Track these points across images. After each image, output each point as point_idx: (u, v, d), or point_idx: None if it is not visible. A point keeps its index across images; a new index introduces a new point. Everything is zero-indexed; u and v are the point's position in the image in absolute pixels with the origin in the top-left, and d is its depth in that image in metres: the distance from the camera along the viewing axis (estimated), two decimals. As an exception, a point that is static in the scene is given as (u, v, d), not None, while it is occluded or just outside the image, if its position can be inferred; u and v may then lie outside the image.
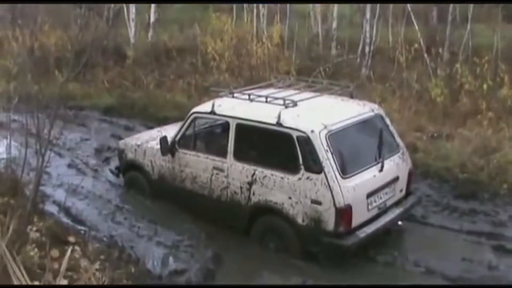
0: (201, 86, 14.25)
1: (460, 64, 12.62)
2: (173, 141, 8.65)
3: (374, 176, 7.66)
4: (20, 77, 14.85)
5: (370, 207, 7.57)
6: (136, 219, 8.55)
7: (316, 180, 7.22)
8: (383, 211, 7.83)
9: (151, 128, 12.63)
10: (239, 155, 7.96)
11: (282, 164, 7.59)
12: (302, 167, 7.33)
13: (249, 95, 8.23)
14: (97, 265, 6.57)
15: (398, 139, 8.44)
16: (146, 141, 9.30)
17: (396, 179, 8.05)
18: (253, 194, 7.79)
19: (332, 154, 7.24)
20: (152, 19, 17.19)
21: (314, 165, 7.23)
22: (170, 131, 9.21)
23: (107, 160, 11.20)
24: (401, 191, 8.22)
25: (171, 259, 7.42)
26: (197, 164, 8.41)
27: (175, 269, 7.18)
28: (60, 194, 9.21)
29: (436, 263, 7.57)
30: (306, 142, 7.28)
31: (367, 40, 15.02)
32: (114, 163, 10.38)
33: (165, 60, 15.62)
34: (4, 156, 9.13)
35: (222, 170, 8.09)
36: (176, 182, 8.71)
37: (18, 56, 15.08)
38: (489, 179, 9.55)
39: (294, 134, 7.38)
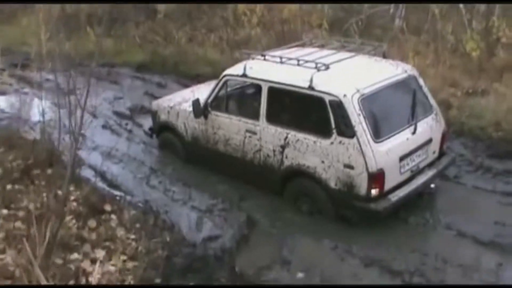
0: (233, 40, 14.16)
1: (497, 17, 12.25)
2: (206, 104, 8.64)
3: (407, 139, 7.60)
4: (52, 35, 15.03)
5: (402, 170, 7.54)
6: (171, 182, 8.69)
7: (348, 145, 7.20)
8: (416, 173, 7.80)
9: (183, 85, 12.77)
10: (272, 118, 7.95)
11: (315, 128, 7.57)
12: (334, 131, 7.31)
13: (280, 57, 8.07)
14: (132, 235, 6.72)
15: (432, 100, 8.31)
16: (179, 103, 9.29)
17: (429, 141, 8.00)
18: (286, 157, 7.82)
19: (364, 118, 7.18)
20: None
21: (347, 130, 7.20)
22: (203, 91, 9.24)
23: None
24: (434, 152, 8.17)
25: (205, 224, 7.55)
26: (230, 127, 8.42)
27: (209, 235, 7.30)
28: (95, 158, 9.36)
29: (468, 226, 7.55)
30: (338, 106, 7.23)
31: (401, -11, 14.62)
32: (148, 123, 10.41)
33: (196, 14, 15.48)
34: (39, 118, 9.25)
35: (254, 133, 8.11)
36: (209, 144, 8.76)
37: (49, 13, 15.10)
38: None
39: (327, 98, 7.32)
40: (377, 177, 7.18)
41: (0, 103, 11.68)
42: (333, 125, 7.32)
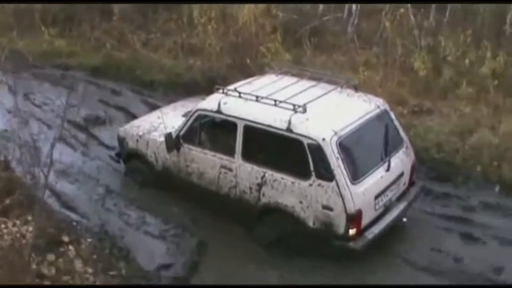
0: (188, 45, 14.27)
1: (443, 36, 12.69)
2: (178, 136, 8.61)
3: (381, 177, 7.85)
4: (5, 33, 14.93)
5: (377, 206, 7.80)
6: (125, 205, 8.89)
7: (327, 188, 7.38)
8: (388, 207, 8.07)
9: (137, 93, 12.93)
10: (248, 156, 8.03)
11: (293, 168, 7.69)
12: (313, 173, 7.46)
13: (256, 96, 8.04)
14: (90, 268, 6.98)
15: (402, 133, 8.55)
16: (148, 131, 9.23)
17: (401, 175, 8.25)
18: (263, 195, 7.95)
19: (342, 161, 7.36)
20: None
21: (325, 173, 7.37)
22: (171, 117, 9.25)
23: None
24: (404, 184, 8.43)
25: (158, 251, 7.85)
26: (204, 161, 8.46)
27: (162, 263, 7.62)
28: (50, 176, 9.36)
29: (407, 252, 8.09)
30: (317, 149, 7.38)
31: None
32: (104, 136, 10.52)
33: (152, 16, 15.48)
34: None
35: (230, 170, 8.18)
36: (182, 175, 8.76)
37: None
38: (463, 162, 9.92)
39: (305, 141, 7.47)
40: (355, 218, 7.42)
41: None
42: (311, 168, 7.46)
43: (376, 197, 7.73)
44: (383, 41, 13.55)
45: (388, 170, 7.90)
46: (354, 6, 14.73)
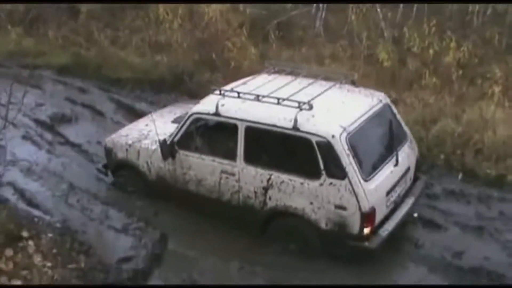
0: (155, 43, 14.31)
1: (408, 27, 12.81)
2: (172, 142, 8.20)
3: (391, 172, 7.60)
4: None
5: (388, 203, 7.54)
6: (89, 200, 8.87)
7: (339, 186, 7.08)
8: (398, 203, 7.84)
9: (105, 90, 12.92)
10: (251, 159, 7.66)
11: (301, 169, 7.36)
12: (323, 172, 7.15)
13: (257, 95, 7.64)
14: (49, 262, 6.98)
15: (405, 127, 8.38)
16: (138, 140, 8.79)
17: (408, 169, 8.07)
18: (270, 199, 7.60)
19: (353, 157, 7.06)
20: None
21: (337, 171, 7.07)
22: (159, 124, 8.72)
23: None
24: (410, 179, 8.24)
25: (120, 245, 7.86)
26: (202, 167, 8.07)
27: (123, 256, 7.60)
28: (14, 174, 9.43)
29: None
30: (327, 147, 7.07)
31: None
32: (70, 134, 10.42)
33: (119, 14, 15.51)
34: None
35: (232, 174, 7.82)
36: (179, 184, 8.37)
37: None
38: (427, 150, 9.96)
39: (313, 139, 7.14)
40: (369, 216, 7.13)
41: None
42: (321, 167, 7.15)
43: (388, 193, 7.49)
44: (350, 34, 13.66)
45: (396, 164, 7.67)
46: (322, 0, 14.86)
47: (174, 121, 8.99)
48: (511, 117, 10.62)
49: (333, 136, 7.07)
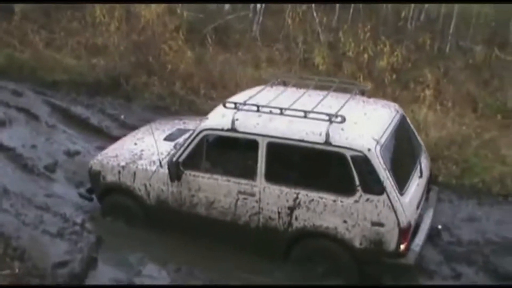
0: (91, 45, 14.18)
1: (343, 32, 13.07)
2: (176, 163, 7.57)
3: (418, 184, 7.41)
4: None
5: (416, 216, 7.31)
6: (23, 205, 8.69)
7: (377, 202, 6.74)
8: (421, 216, 7.63)
9: (40, 93, 12.71)
10: (273, 177, 7.18)
11: (333, 185, 6.98)
12: (359, 188, 6.80)
13: (281, 109, 7.15)
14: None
15: (418, 137, 8.26)
16: (132, 161, 8.10)
17: (428, 180, 7.96)
18: (296, 219, 7.15)
19: (389, 171, 6.75)
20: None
21: (375, 186, 6.74)
22: (148, 141, 8.36)
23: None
24: (427, 190, 8.07)
25: (55, 250, 7.76)
26: (215, 188, 7.48)
27: (59, 261, 7.50)
28: None
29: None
30: (363, 161, 6.72)
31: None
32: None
33: (55, 15, 15.27)
34: None
35: (252, 195, 7.30)
36: (185, 208, 7.76)
37: None
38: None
39: (348, 154, 6.77)
40: (407, 231, 6.87)
41: None
42: (357, 182, 6.79)
43: (418, 206, 7.32)
44: (286, 38, 13.84)
45: (421, 176, 7.53)
46: (259, 5, 14.98)
47: (167, 139, 8.52)
48: (442, 119, 10.97)
49: (369, 150, 6.73)
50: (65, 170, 10.01)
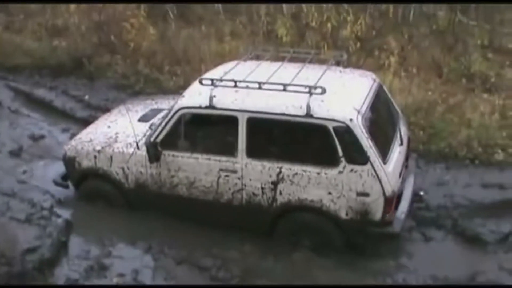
0: (52, 26, 13.94)
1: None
2: (154, 143, 7.45)
3: (399, 152, 7.40)
4: None
5: (399, 184, 7.24)
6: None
7: (361, 172, 6.74)
8: (403, 183, 7.55)
9: (0, 77, 12.48)
10: (255, 153, 7.13)
11: (316, 158, 6.96)
12: (342, 159, 6.78)
13: (259, 83, 6.99)
14: None
15: (395, 104, 8.18)
16: (108, 145, 7.99)
17: (408, 148, 7.92)
18: (280, 194, 7.14)
19: (372, 141, 6.72)
20: None
21: (358, 156, 6.72)
22: (122, 122, 8.29)
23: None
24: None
25: (23, 236, 7.65)
26: (196, 167, 7.41)
27: (28, 247, 7.39)
28: None
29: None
30: (346, 132, 6.69)
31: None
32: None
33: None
34: None
35: (234, 172, 7.24)
36: (165, 189, 7.70)
37: None
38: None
39: (330, 125, 6.73)
40: (392, 200, 6.89)
41: None
42: (340, 153, 6.78)
43: (400, 174, 7.27)
44: (249, 11, 13.73)
45: (401, 144, 7.53)
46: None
47: (142, 120, 8.41)
48: (407, 86, 11.01)
49: (351, 120, 6.70)
50: (31, 155, 9.84)
